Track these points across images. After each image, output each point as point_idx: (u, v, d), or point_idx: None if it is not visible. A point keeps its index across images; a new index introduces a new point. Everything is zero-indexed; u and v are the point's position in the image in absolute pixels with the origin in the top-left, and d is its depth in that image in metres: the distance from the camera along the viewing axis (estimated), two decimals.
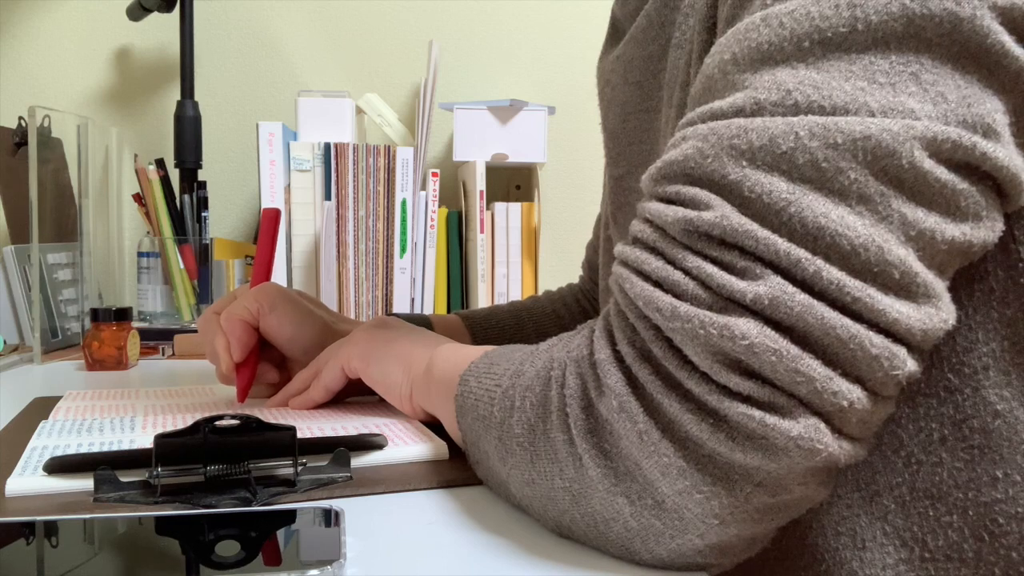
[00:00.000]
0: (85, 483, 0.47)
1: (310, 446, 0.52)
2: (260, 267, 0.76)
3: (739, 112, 0.37)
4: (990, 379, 0.41)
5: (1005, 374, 0.41)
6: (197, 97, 1.32)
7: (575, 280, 0.93)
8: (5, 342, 1.07)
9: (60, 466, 0.48)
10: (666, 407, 0.36)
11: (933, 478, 0.42)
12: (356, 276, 1.24)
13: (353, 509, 0.46)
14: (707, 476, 0.36)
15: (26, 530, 0.40)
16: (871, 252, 0.34)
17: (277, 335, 0.71)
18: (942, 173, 0.35)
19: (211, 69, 1.43)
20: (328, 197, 1.22)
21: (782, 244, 0.34)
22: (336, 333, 0.73)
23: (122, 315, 0.96)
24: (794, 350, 0.34)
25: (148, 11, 1.29)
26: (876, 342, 0.34)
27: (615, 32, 0.66)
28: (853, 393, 0.34)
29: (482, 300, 1.30)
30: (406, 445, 0.55)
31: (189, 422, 0.47)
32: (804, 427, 0.34)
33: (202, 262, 1.24)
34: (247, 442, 0.48)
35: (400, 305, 1.26)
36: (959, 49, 0.36)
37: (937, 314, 0.36)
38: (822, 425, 0.34)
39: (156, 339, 1.08)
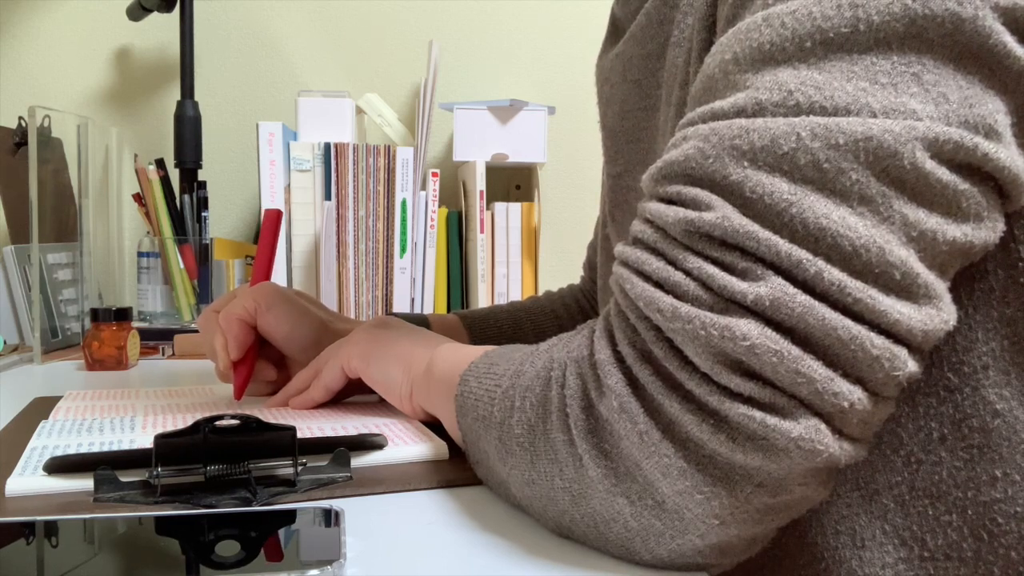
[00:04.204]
0: (85, 483, 0.47)
1: (310, 446, 0.52)
2: (260, 267, 0.77)
3: (740, 112, 0.37)
4: (990, 378, 0.41)
5: (1005, 373, 0.41)
6: (197, 97, 1.32)
7: (575, 280, 0.93)
8: (5, 342, 1.07)
9: (60, 466, 0.48)
10: (667, 408, 0.36)
11: (932, 477, 0.42)
12: (356, 276, 1.24)
13: (353, 509, 0.46)
14: (708, 477, 0.35)
15: (26, 530, 0.40)
16: (872, 253, 0.34)
17: (274, 333, 0.71)
18: (944, 174, 0.35)
19: (211, 69, 1.43)
20: (328, 197, 1.22)
21: (783, 245, 0.34)
22: (333, 332, 0.73)
23: (122, 315, 0.96)
24: (795, 351, 0.34)
25: (148, 11, 1.29)
26: (877, 343, 0.34)
27: (615, 31, 0.66)
28: (854, 394, 0.34)
29: (482, 300, 1.29)
30: (406, 445, 0.55)
31: (189, 422, 0.47)
32: (805, 428, 0.34)
33: (202, 262, 1.24)
34: (247, 442, 0.48)
35: (400, 305, 1.26)
36: (961, 50, 0.36)
37: (938, 315, 0.36)
38: (823, 426, 0.34)
39: (156, 339, 1.08)
